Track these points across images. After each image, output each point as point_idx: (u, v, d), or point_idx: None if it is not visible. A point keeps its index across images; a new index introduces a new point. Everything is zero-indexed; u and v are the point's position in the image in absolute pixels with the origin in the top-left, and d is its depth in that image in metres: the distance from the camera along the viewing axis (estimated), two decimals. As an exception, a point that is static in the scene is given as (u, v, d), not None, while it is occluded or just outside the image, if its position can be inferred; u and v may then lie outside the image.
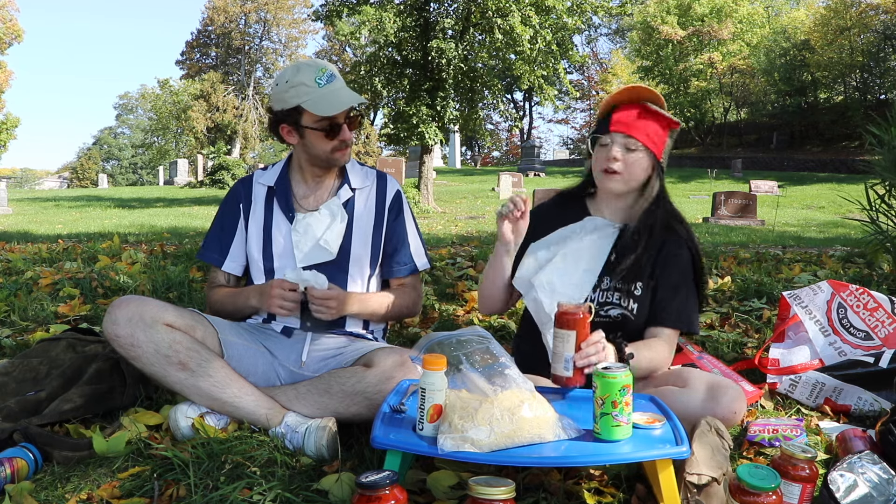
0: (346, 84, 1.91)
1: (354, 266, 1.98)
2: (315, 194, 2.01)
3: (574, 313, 1.47)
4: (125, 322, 1.65)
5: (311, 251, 1.94)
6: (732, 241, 7.17)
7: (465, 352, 1.39)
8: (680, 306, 1.79)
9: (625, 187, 1.80)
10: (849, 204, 4.44)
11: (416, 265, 2.06)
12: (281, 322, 1.96)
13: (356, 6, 12.77)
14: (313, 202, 2.00)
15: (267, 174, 2.05)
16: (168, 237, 6.56)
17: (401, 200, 2.07)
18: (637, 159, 1.76)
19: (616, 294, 1.79)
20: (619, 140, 1.75)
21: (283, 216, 1.98)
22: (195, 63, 41.75)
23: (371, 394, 1.64)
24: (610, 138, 1.77)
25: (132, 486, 1.45)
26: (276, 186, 2.01)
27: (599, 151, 1.80)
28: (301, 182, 2.02)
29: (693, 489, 1.32)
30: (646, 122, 1.75)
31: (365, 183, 2.05)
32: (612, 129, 1.76)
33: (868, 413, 1.96)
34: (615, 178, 1.77)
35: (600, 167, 1.78)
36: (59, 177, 48.56)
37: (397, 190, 2.08)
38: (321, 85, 1.84)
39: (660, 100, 1.80)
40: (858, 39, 26.05)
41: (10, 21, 27.95)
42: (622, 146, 1.75)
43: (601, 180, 1.80)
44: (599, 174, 1.80)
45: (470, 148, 48.60)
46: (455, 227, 9.46)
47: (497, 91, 14.22)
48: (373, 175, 2.08)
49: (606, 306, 1.80)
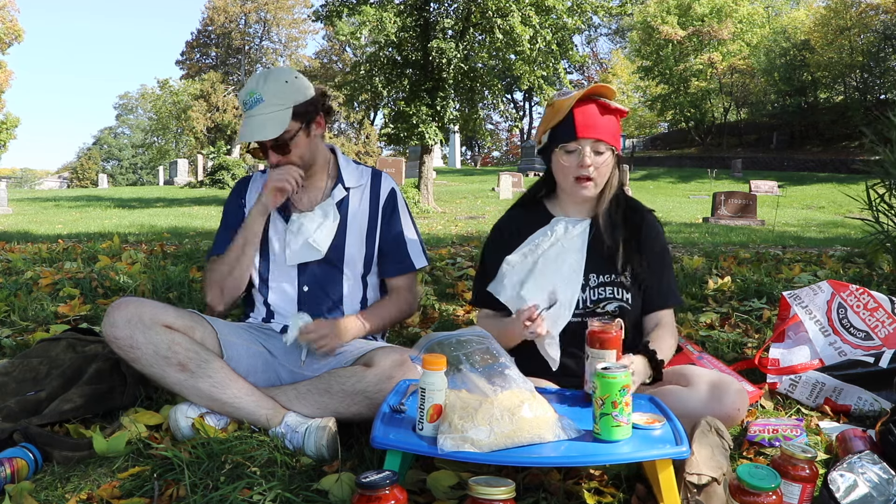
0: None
1: (348, 265, 1.99)
2: (308, 195, 2.02)
3: (608, 332, 1.49)
4: (124, 324, 1.65)
5: (300, 249, 1.95)
6: (732, 241, 7.17)
7: (465, 352, 1.39)
8: (671, 285, 1.85)
9: (597, 191, 1.79)
10: (849, 204, 4.44)
11: (413, 264, 2.05)
12: (280, 322, 1.97)
13: (356, 6, 12.77)
14: (307, 203, 2.01)
15: (265, 176, 2.05)
16: (168, 237, 6.57)
17: (395, 199, 2.06)
18: (606, 161, 1.76)
19: (609, 288, 1.79)
20: (588, 148, 1.73)
21: (279, 217, 1.99)
22: (195, 63, 41.80)
23: (371, 393, 1.64)
24: (578, 144, 1.73)
25: (132, 486, 1.45)
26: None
27: (567, 158, 1.76)
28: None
29: (693, 489, 1.32)
30: (606, 121, 1.74)
31: (360, 182, 2.04)
32: (580, 135, 1.71)
33: (868, 413, 1.95)
34: (589, 184, 1.76)
35: (572, 175, 1.75)
36: (59, 177, 48.55)
37: (392, 188, 2.07)
38: (246, 109, 1.87)
39: (612, 92, 1.79)
40: (858, 39, 26.05)
41: (11, 21, 27.97)
42: (592, 151, 1.73)
43: (573, 188, 1.77)
44: (570, 182, 1.77)
45: (470, 148, 48.59)
46: (455, 227, 9.46)
47: (497, 91, 14.22)
48: (367, 174, 2.07)
49: (602, 302, 1.79)
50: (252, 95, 1.84)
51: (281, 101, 1.85)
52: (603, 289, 1.79)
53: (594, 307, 1.78)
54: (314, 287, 1.98)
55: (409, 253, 2.05)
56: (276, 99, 1.85)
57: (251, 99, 1.85)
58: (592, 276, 1.79)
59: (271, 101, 1.84)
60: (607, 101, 1.76)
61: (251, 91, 1.85)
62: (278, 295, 1.99)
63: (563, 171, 1.78)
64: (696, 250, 5.42)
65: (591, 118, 1.72)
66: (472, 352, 1.40)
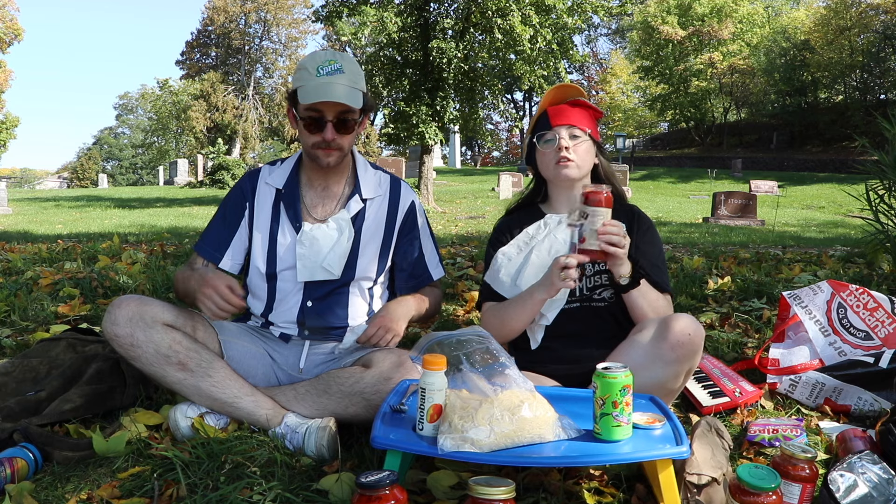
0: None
1: (358, 282, 1.93)
2: (324, 203, 1.94)
3: (601, 192, 1.61)
4: (125, 322, 1.64)
5: (312, 269, 1.88)
6: (732, 241, 7.18)
7: (465, 352, 1.39)
8: (664, 274, 1.87)
9: (579, 173, 1.86)
10: (849, 204, 4.45)
11: (431, 276, 2.03)
12: (278, 328, 1.94)
13: (356, 6, 12.78)
14: (321, 212, 1.93)
15: (276, 173, 1.96)
16: (168, 237, 6.56)
17: (415, 213, 2.00)
18: (584, 145, 1.85)
19: (605, 276, 1.84)
20: (563, 132, 1.84)
21: (290, 224, 1.90)
22: (195, 63, 41.77)
23: (369, 394, 1.64)
24: (554, 133, 1.84)
25: (132, 486, 1.45)
26: (285, 190, 1.93)
27: (546, 147, 1.86)
28: (309, 187, 1.95)
29: (693, 489, 1.33)
30: (579, 112, 1.87)
31: (377, 192, 1.97)
32: (553, 124, 1.85)
33: (868, 413, 1.95)
34: (570, 164, 1.83)
35: (553, 161, 1.84)
36: (59, 177, 48.53)
37: (412, 201, 2.00)
38: (319, 75, 1.77)
39: (583, 94, 1.91)
40: (858, 39, 26.07)
41: (11, 20, 27.97)
42: (568, 136, 1.84)
43: (556, 172, 1.85)
44: (553, 167, 1.85)
45: (470, 148, 48.61)
46: (455, 227, 9.46)
47: (497, 91, 14.24)
48: (387, 182, 2.00)
49: (597, 289, 1.84)
50: (331, 63, 1.78)
51: (356, 82, 1.82)
52: (598, 276, 1.84)
53: (590, 294, 1.84)
54: (319, 302, 1.91)
55: (428, 265, 2.03)
56: (354, 77, 1.81)
57: (330, 66, 1.77)
58: (589, 265, 1.84)
59: (350, 77, 1.79)
60: (576, 98, 1.88)
61: (330, 59, 1.79)
62: (280, 307, 1.93)
63: (545, 160, 1.88)
64: (696, 250, 5.42)
65: (562, 111, 1.86)
66: (472, 352, 1.40)
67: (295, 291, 1.91)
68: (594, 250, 1.61)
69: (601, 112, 1.95)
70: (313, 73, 1.78)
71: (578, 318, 1.83)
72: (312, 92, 1.76)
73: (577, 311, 1.83)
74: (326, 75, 1.77)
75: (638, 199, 15.91)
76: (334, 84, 1.76)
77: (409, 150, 23.76)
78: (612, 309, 1.83)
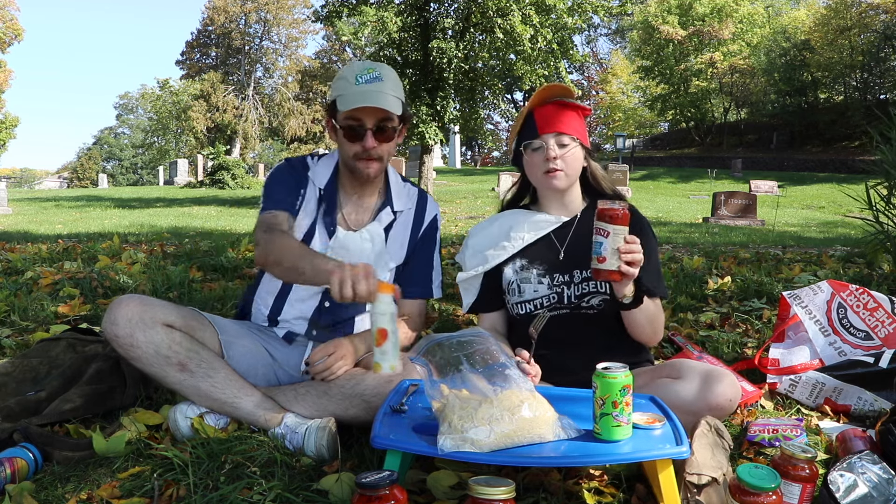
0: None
1: None
2: (357, 213, 1.94)
3: (618, 209, 1.54)
4: (124, 322, 1.64)
5: None
6: (732, 241, 7.17)
7: (465, 352, 1.39)
8: (661, 281, 1.84)
9: (567, 183, 1.83)
10: (849, 204, 4.44)
11: (433, 291, 2.01)
12: (284, 327, 1.94)
13: (356, 6, 12.78)
14: (355, 221, 1.94)
15: (319, 170, 1.94)
16: (168, 237, 6.56)
17: (436, 226, 2.02)
18: (572, 153, 1.80)
19: (593, 283, 1.79)
20: (551, 141, 1.78)
21: (324, 227, 1.90)
22: (195, 63, 41.78)
23: (369, 396, 1.64)
24: (541, 141, 1.79)
25: (132, 486, 1.45)
26: (325, 192, 1.92)
27: (534, 156, 1.81)
28: (345, 194, 1.95)
29: (693, 489, 1.33)
30: (567, 116, 1.80)
31: (407, 205, 1.99)
32: (541, 131, 1.78)
33: (868, 413, 1.95)
34: (558, 174, 1.79)
35: (541, 170, 1.80)
36: (59, 177, 48.58)
37: (435, 215, 2.02)
38: (358, 83, 1.77)
39: (571, 93, 1.84)
40: (858, 39, 26.05)
41: (11, 20, 27.98)
42: (556, 144, 1.78)
43: (544, 182, 1.82)
44: (541, 177, 1.81)
45: (470, 148, 48.59)
46: (455, 228, 9.46)
47: (497, 91, 14.24)
48: (414, 195, 2.02)
49: (587, 297, 1.80)
50: (371, 72, 1.79)
51: (396, 90, 1.82)
52: (587, 283, 1.80)
53: (578, 301, 1.80)
54: (335, 304, 1.88)
55: (433, 279, 2.01)
56: (394, 85, 1.82)
57: (369, 75, 1.78)
58: (577, 271, 1.81)
59: (389, 85, 1.80)
60: (564, 100, 1.81)
61: (369, 68, 1.80)
62: (294, 303, 1.92)
63: (533, 168, 1.83)
64: (696, 250, 5.42)
65: (549, 116, 1.79)
66: (473, 352, 1.40)
67: (315, 291, 1.90)
68: (612, 271, 1.54)
69: (589, 109, 1.90)
70: (353, 82, 1.78)
71: (568, 325, 1.80)
72: (352, 99, 1.77)
73: (566, 318, 1.80)
74: (366, 83, 1.78)
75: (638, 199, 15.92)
76: (374, 91, 1.77)
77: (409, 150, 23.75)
78: (603, 315, 1.79)
